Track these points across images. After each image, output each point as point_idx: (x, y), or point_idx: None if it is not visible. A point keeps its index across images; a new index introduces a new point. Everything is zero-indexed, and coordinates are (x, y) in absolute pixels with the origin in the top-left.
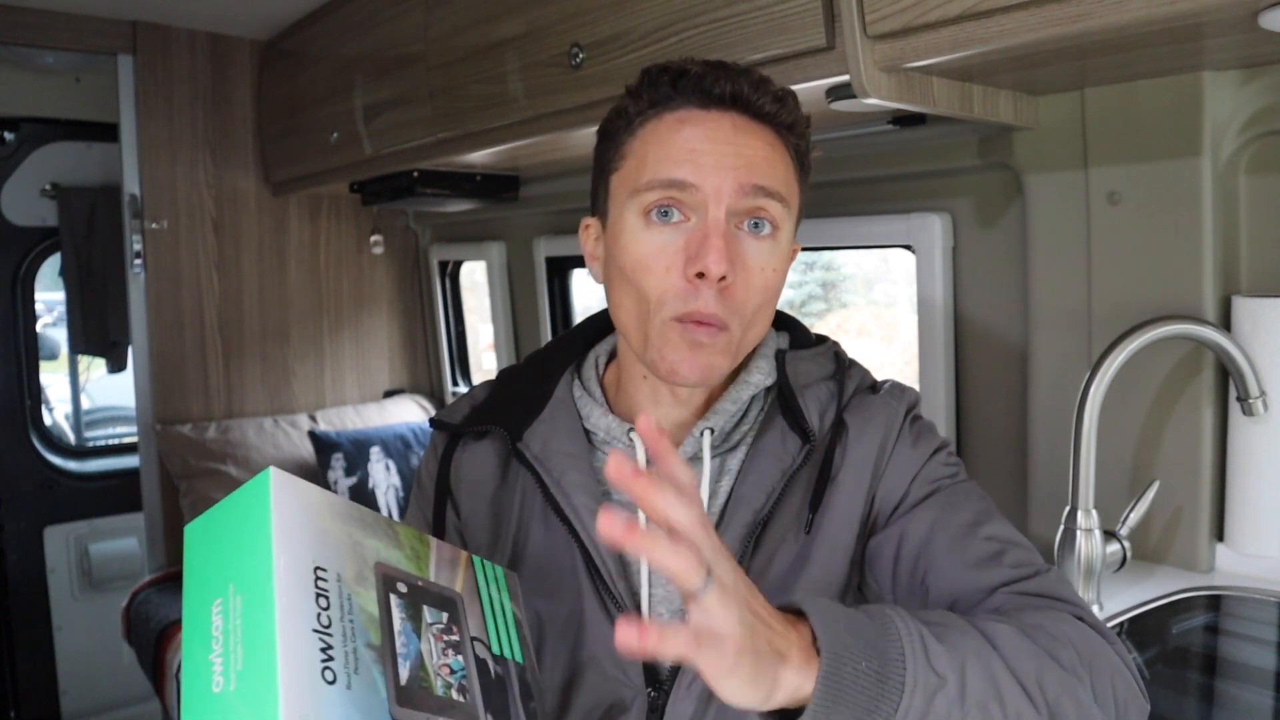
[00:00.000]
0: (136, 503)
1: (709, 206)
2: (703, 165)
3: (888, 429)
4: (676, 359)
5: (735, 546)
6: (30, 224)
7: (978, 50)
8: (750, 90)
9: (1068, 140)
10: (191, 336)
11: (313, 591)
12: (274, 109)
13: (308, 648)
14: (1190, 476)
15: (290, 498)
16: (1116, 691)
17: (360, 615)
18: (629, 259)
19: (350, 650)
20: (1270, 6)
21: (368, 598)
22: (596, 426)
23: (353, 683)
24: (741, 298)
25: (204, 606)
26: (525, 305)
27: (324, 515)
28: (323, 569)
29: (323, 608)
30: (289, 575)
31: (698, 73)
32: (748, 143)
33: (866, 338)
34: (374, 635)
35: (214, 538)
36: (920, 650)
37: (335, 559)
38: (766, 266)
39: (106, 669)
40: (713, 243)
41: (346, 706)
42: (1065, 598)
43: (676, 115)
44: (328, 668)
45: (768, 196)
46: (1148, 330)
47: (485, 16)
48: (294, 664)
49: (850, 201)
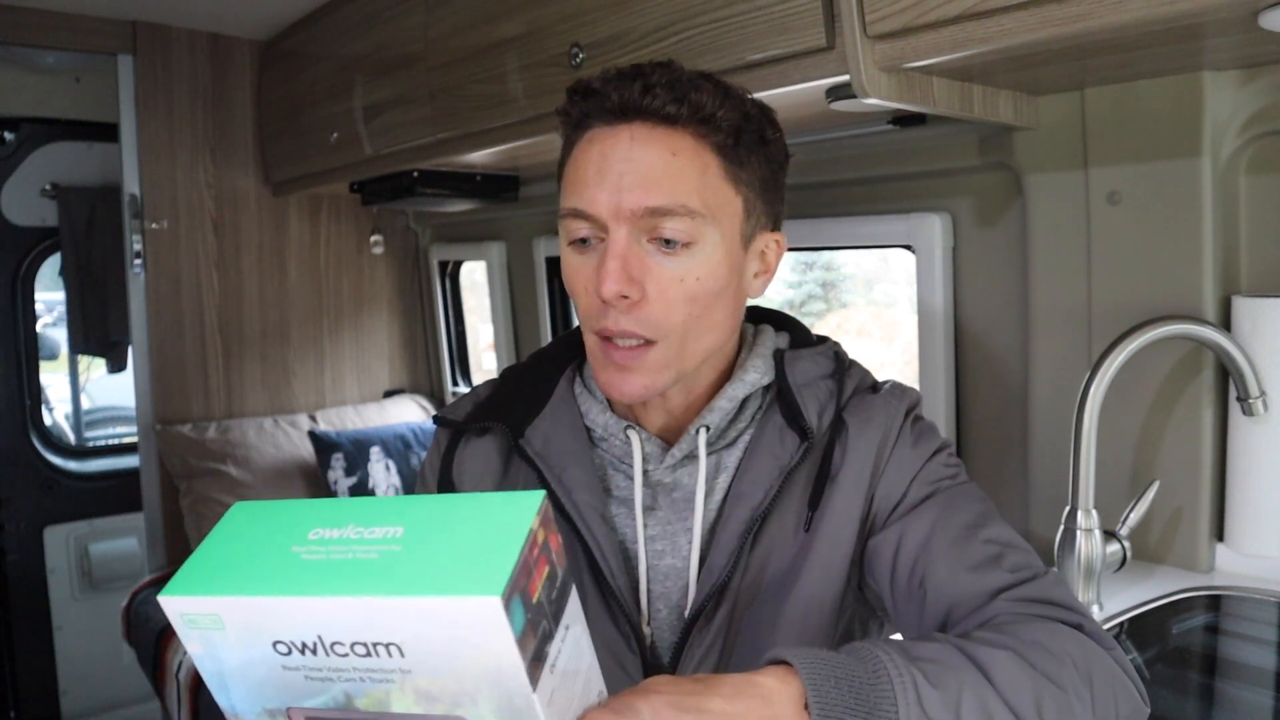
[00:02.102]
0: (136, 503)
1: (609, 228)
2: (599, 189)
3: (888, 429)
4: (606, 380)
5: (733, 542)
6: (30, 224)
7: (978, 50)
8: (642, 95)
9: (1068, 140)
10: (191, 336)
11: (369, 638)
12: (274, 109)
13: (295, 626)
14: (1190, 476)
15: None
16: (1119, 705)
17: (377, 691)
18: (566, 283)
19: (325, 676)
20: (1270, 6)
21: (408, 704)
22: (595, 423)
23: (295, 673)
24: (660, 312)
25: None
26: (525, 305)
27: None
28: (397, 651)
29: (357, 653)
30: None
31: (598, 87)
32: (643, 157)
33: (866, 338)
34: (365, 702)
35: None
36: (913, 698)
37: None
38: (686, 277)
39: (106, 669)
40: (608, 266)
41: (266, 666)
42: (1064, 603)
43: (588, 135)
44: (287, 645)
45: (664, 215)
46: (1148, 330)
47: (485, 16)
48: (270, 611)
49: (850, 201)
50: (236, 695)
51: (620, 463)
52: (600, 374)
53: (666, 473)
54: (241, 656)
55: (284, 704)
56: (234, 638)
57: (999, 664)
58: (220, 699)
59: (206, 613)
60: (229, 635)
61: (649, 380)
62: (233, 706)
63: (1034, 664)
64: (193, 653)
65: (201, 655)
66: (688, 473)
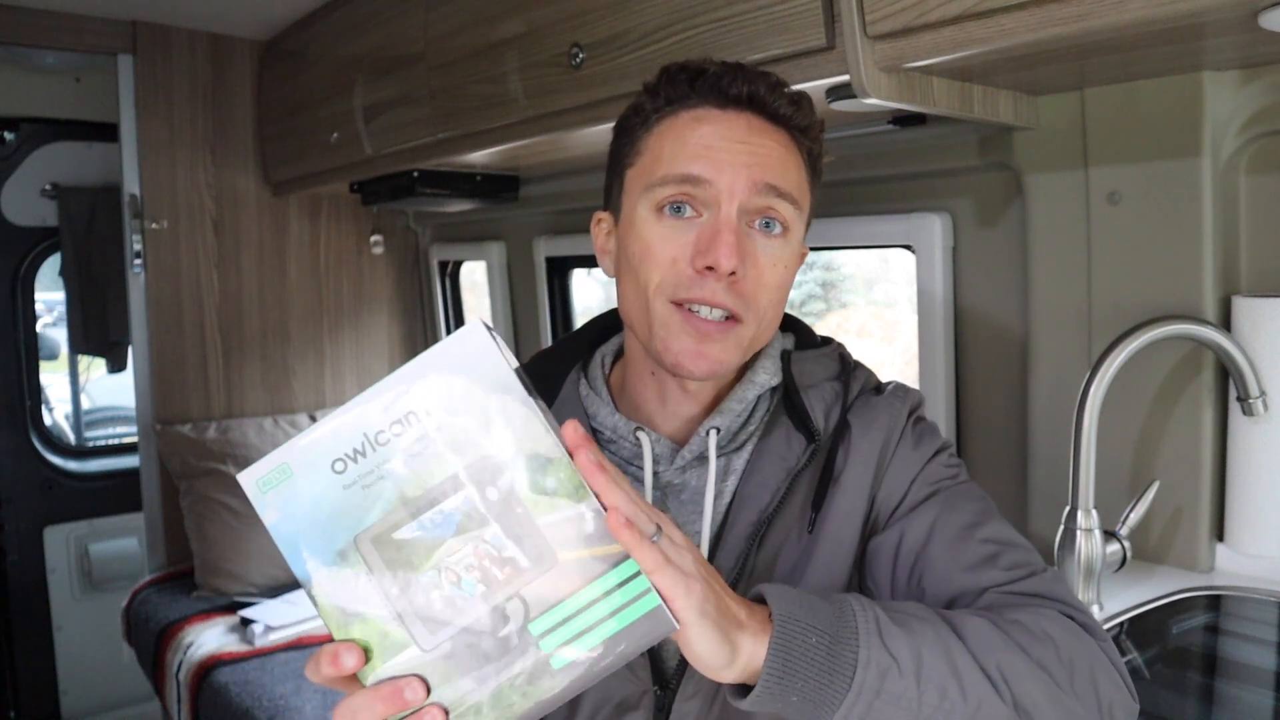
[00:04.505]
0: (136, 503)
1: (722, 203)
2: (717, 162)
3: (890, 430)
4: (680, 349)
5: (740, 545)
6: (30, 224)
7: (978, 50)
8: (767, 92)
9: (1068, 140)
10: (191, 336)
11: (399, 411)
12: (274, 109)
13: (346, 437)
14: (1190, 476)
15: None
16: (1099, 688)
17: (419, 465)
18: (638, 249)
19: (377, 474)
20: (1270, 6)
21: (445, 463)
22: (603, 425)
23: (353, 490)
24: (752, 292)
25: None
26: (525, 305)
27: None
28: (425, 413)
29: (395, 433)
30: (387, 387)
31: (715, 72)
32: (762, 143)
33: (867, 338)
34: (412, 487)
35: None
36: (874, 631)
37: (466, 424)
38: (778, 263)
39: (106, 669)
40: (724, 237)
41: (330, 495)
42: (1058, 597)
43: (693, 113)
44: (343, 460)
45: (779, 196)
46: (1148, 330)
47: (485, 16)
48: (324, 437)
49: (850, 201)
50: (311, 549)
51: (628, 464)
52: (673, 344)
53: (676, 474)
54: (310, 496)
55: (350, 535)
56: (302, 480)
57: (972, 625)
58: (297, 568)
59: (276, 467)
60: (297, 480)
61: (726, 356)
62: (307, 573)
63: (1009, 634)
64: (269, 523)
65: (278, 521)
66: (697, 475)
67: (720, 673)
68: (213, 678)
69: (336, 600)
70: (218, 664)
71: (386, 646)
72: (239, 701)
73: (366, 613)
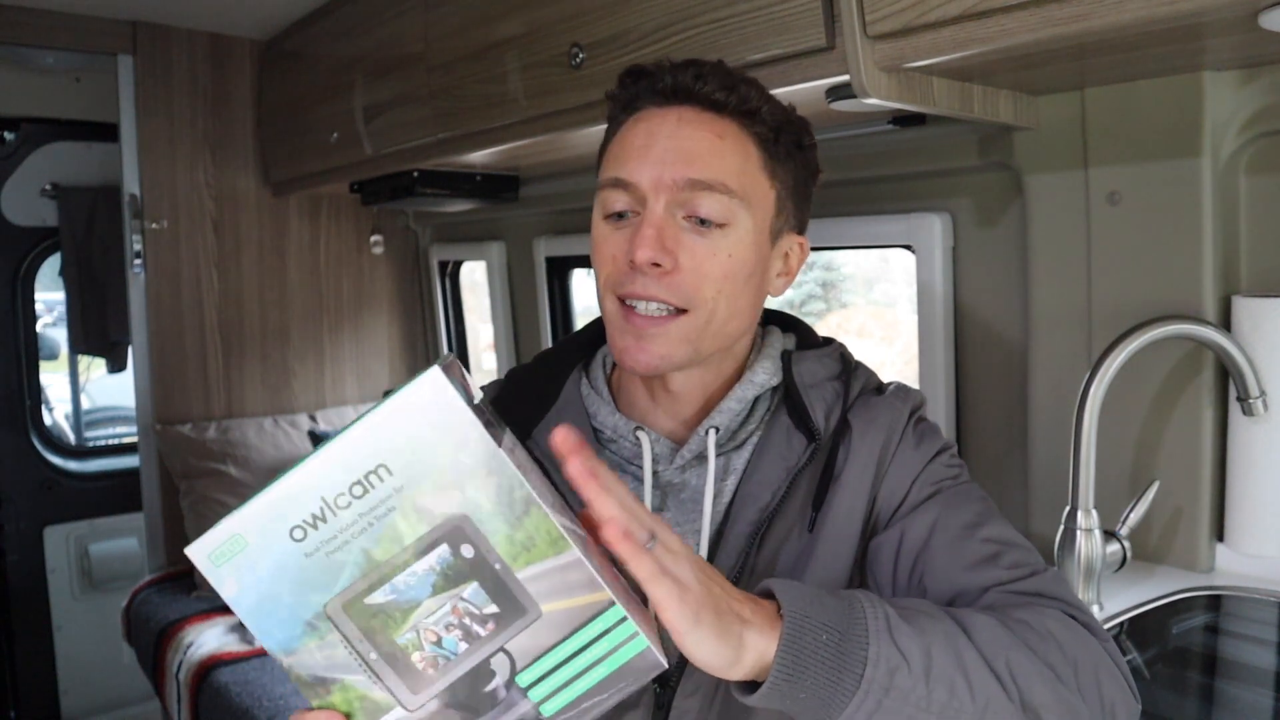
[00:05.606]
0: (136, 503)
1: (648, 200)
2: (641, 162)
3: (891, 430)
4: (623, 347)
5: (741, 544)
6: (30, 224)
7: (978, 50)
8: (693, 81)
9: (1068, 140)
10: (191, 336)
11: (359, 472)
12: (274, 109)
13: (302, 502)
14: (1190, 476)
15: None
16: (1102, 688)
17: (385, 528)
18: (593, 250)
19: (341, 540)
20: (1270, 6)
21: (412, 523)
22: (604, 425)
23: (316, 557)
24: (693, 283)
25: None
26: (525, 305)
27: (507, 449)
28: (385, 472)
29: (355, 495)
30: (350, 442)
31: (651, 70)
32: (691, 135)
33: (867, 338)
34: (380, 551)
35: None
36: (884, 628)
37: (427, 480)
38: (718, 253)
39: (106, 669)
40: (643, 231)
41: (292, 564)
42: (1060, 596)
43: (636, 115)
44: (301, 528)
45: (705, 189)
46: (1148, 330)
47: (485, 16)
48: (277, 502)
49: (850, 201)
50: (277, 620)
51: (629, 464)
52: (617, 341)
53: (675, 474)
54: (269, 567)
55: (319, 604)
56: (259, 551)
57: (979, 623)
58: (265, 640)
59: (229, 538)
60: (252, 550)
61: (667, 351)
62: (276, 643)
63: (1015, 632)
64: (227, 596)
65: (237, 594)
66: (696, 474)
67: (727, 672)
68: (213, 678)
69: (311, 669)
70: (218, 664)
71: (369, 710)
72: (239, 701)
73: (345, 679)
